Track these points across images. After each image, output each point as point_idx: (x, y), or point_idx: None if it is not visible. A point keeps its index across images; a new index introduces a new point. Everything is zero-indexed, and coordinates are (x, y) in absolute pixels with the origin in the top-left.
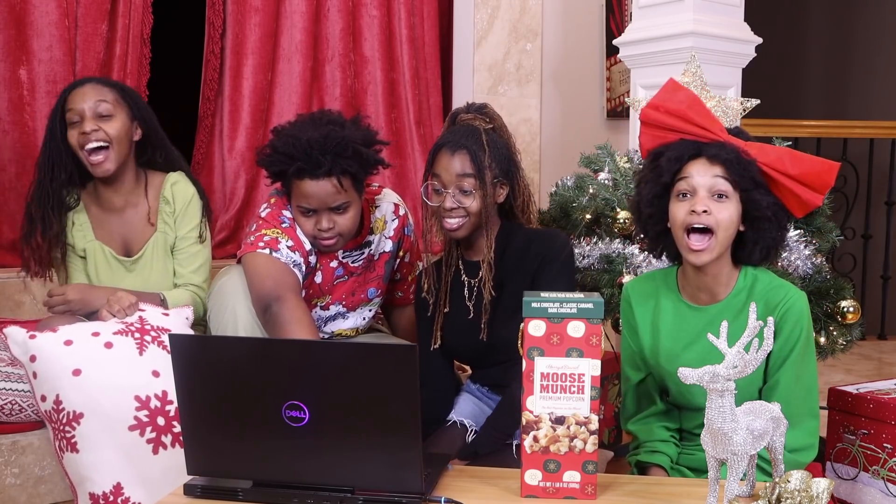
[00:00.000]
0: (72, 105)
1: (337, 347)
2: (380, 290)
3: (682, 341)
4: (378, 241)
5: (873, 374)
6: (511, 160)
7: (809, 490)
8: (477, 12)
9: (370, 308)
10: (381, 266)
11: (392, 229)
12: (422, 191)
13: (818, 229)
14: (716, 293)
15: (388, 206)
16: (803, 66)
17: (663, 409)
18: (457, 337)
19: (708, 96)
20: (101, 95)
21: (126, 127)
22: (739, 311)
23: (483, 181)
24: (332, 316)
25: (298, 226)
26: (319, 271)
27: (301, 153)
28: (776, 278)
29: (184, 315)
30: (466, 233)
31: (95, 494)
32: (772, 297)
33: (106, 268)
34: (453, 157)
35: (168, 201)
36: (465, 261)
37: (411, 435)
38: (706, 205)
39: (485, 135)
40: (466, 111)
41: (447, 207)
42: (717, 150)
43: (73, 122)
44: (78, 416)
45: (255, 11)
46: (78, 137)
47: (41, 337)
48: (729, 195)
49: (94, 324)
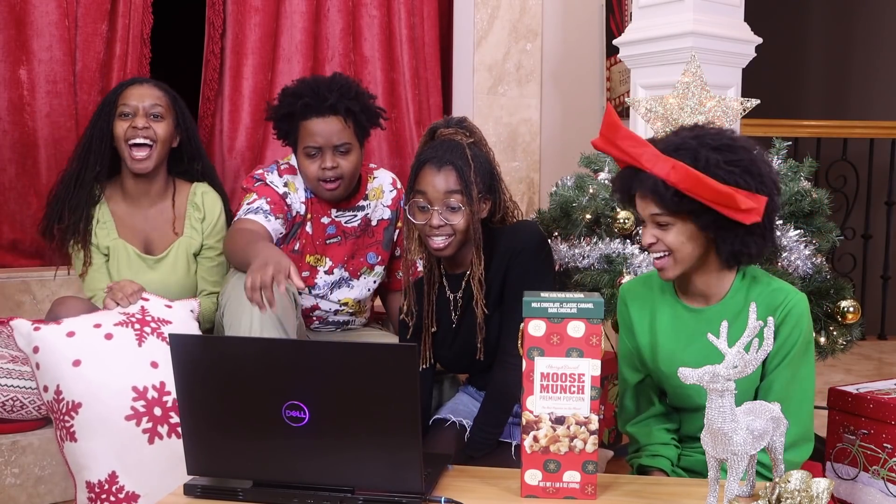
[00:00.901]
0: (127, 100)
1: (337, 347)
2: (380, 256)
3: (681, 343)
4: (374, 206)
5: (873, 374)
6: (493, 174)
7: (809, 490)
8: (477, 12)
9: (374, 278)
10: (381, 232)
11: (390, 199)
12: (405, 209)
13: (818, 229)
14: (710, 296)
15: (386, 177)
16: (803, 66)
17: (662, 410)
18: (446, 352)
19: (708, 96)
20: (158, 98)
21: (171, 132)
22: (738, 312)
23: (470, 197)
24: (337, 282)
25: (303, 173)
26: (309, 222)
27: (308, 90)
28: (775, 280)
29: (189, 307)
30: (453, 251)
31: (91, 482)
32: (772, 300)
33: (127, 265)
34: (439, 172)
35: (198, 207)
36: (448, 275)
37: (411, 435)
38: (652, 236)
39: (468, 149)
40: (446, 125)
41: (434, 225)
42: (642, 185)
43: (125, 114)
44: (77, 406)
45: (255, 11)
46: (127, 130)
47: (45, 329)
48: (671, 221)
49: (96, 315)
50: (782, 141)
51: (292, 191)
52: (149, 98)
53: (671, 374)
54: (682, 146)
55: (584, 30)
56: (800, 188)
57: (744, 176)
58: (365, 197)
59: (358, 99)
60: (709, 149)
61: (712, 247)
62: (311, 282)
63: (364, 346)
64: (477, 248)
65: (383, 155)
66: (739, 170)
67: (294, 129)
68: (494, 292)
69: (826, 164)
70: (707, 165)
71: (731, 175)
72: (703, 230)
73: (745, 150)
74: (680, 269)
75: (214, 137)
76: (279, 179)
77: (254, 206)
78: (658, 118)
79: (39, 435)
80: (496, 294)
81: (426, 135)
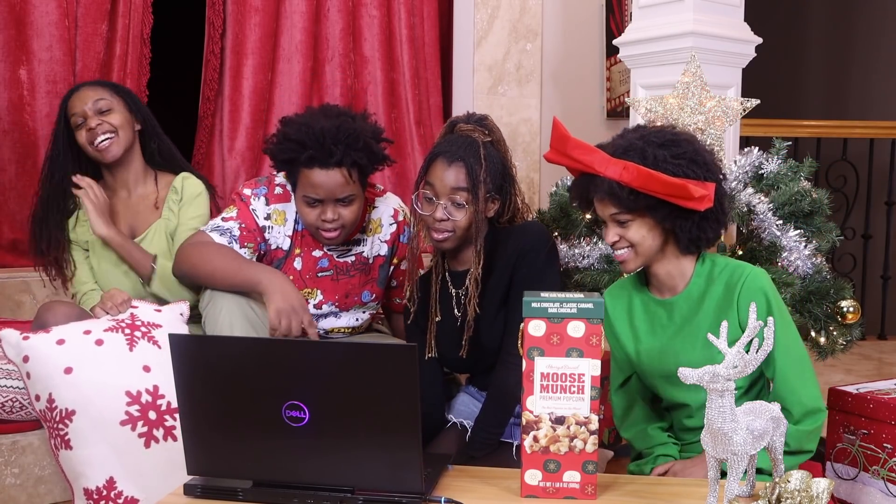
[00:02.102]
0: (73, 110)
1: (337, 347)
2: (374, 294)
3: (657, 336)
4: (371, 242)
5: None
6: (506, 175)
7: (809, 490)
8: (477, 12)
9: (364, 311)
10: (376, 269)
11: (388, 234)
12: (412, 198)
13: (818, 229)
14: (674, 286)
15: (388, 210)
16: (803, 66)
17: (649, 410)
18: (447, 348)
19: (708, 96)
20: (98, 94)
21: (127, 116)
22: (702, 295)
23: (476, 196)
24: (325, 314)
25: (301, 217)
26: (298, 258)
27: (313, 141)
28: (733, 260)
29: (178, 311)
30: (452, 245)
31: (89, 489)
32: (731, 278)
33: (106, 255)
34: (449, 167)
35: (177, 191)
36: (452, 271)
37: (411, 435)
38: (614, 234)
39: (483, 148)
40: (466, 121)
41: (437, 218)
42: (598, 190)
43: (78, 124)
44: (70, 414)
45: (255, 11)
46: (86, 135)
47: (34, 338)
48: (630, 218)
49: (86, 322)
50: (782, 141)
51: (278, 223)
52: (89, 97)
53: (653, 369)
54: (630, 147)
55: (584, 30)
56: (800, 188)
57: (691, 166)
58: (362, 230)
59: (366, 150)
60: (655, 146)
61: (671, 236)
62: None
63: (364, 345)
64: (477, 246)
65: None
66: (686, 161)
67: (294, 172)
68: (500, 292)
69: (826, 164)
70: (656, 161)
71: (679, 167)
72: (662, 222)
73: (688, 142)
74: (641, 260)
75: (214, 137)
76: (264, 209)
77: (225, 225)
78: (658, 118)
79: (39, 435)
80: (502, 293)
81: (446, 127)
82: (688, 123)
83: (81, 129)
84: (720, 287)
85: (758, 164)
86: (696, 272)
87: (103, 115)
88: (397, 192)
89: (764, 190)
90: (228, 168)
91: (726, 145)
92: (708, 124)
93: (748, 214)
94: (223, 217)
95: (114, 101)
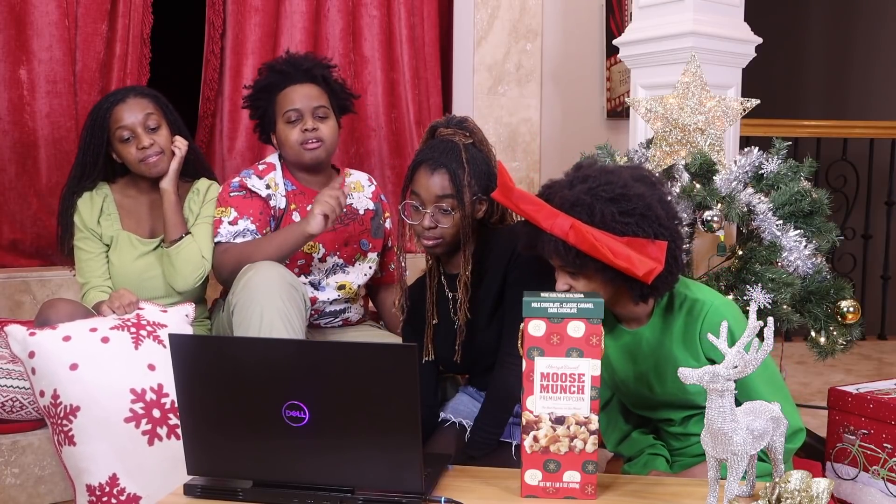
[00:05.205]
0: (122, 122)
1: (337, 347)
2: (372, 243)
3: (629, 364)
4: (358, 198)
5: (873, 374)
6: (491, 175)
7: (809, 490)
8: (477, 12)
9: (369, 264)
10: (367, 220)
11: (370, 192)
12: (400, 208)
13: (818, 229)
14: (638, 318)
15: (363, 175)
16: (803, 66)
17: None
18: (445, 350)
19: (708, 96)
20: (146, 107)
21: (169, 133)
22: (663, 328)
23: (462, 201)
24: (332, 268)
25: (284, 144)
26: (295, 212)
27: (283, 63)
28: (693, 289)
29: (183, 312)
30: (443, 251)
31: (92, 486)
32: (689, 315)
33: (130, 251)
34: (433, 175)
35: (198, 192)
36: (447, 274)
37: (411, 435)
38: (565, 283)
39: (465, 151)
40: (446, 125)
41: (425, 226)
42: (545, 245)
43: (125, 137)
44: (75, 410)
45: (255, 11)
46: (136, 153)
47: (41, 334)
48: (580, 271)
49: (92, 320)
50: (782, 141)
51: (274, 189)
52: (139, 111)
53: (627, 393)
54: (577, 203)
55: (584, 30)
56: (800, 188)
57: (641, 224)
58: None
59: (330, 71)
60: (603, 201)
61: (623, 287)
62: (307, 269)
63: (364, 346)
64: (465, 251)
65: (383, 155)
66: (635, 219)
67: (272, 102)
68: (494, 292)
69: (826, 164)
70: (603, 220)
71: (627, 227)
72: (611, 280)
73: (639, 196)
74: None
75: (214, 137)
76: (260, 182)
77: (238, 228)
78: (658, 118)
79: (39, 435)
80: (496, 294)
81: (427, 133)
82: (688, 123)
83: (129, 143)
84: (680, 321)
85: (758, 164)
86: (656, 306)
87: (153, 133)
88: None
89: (764, 190)
90: (228, 168)
91: (726, 145)
92: (708, 124)
93: (748, 214)
94: (228, 222)
95: (159, 117)
